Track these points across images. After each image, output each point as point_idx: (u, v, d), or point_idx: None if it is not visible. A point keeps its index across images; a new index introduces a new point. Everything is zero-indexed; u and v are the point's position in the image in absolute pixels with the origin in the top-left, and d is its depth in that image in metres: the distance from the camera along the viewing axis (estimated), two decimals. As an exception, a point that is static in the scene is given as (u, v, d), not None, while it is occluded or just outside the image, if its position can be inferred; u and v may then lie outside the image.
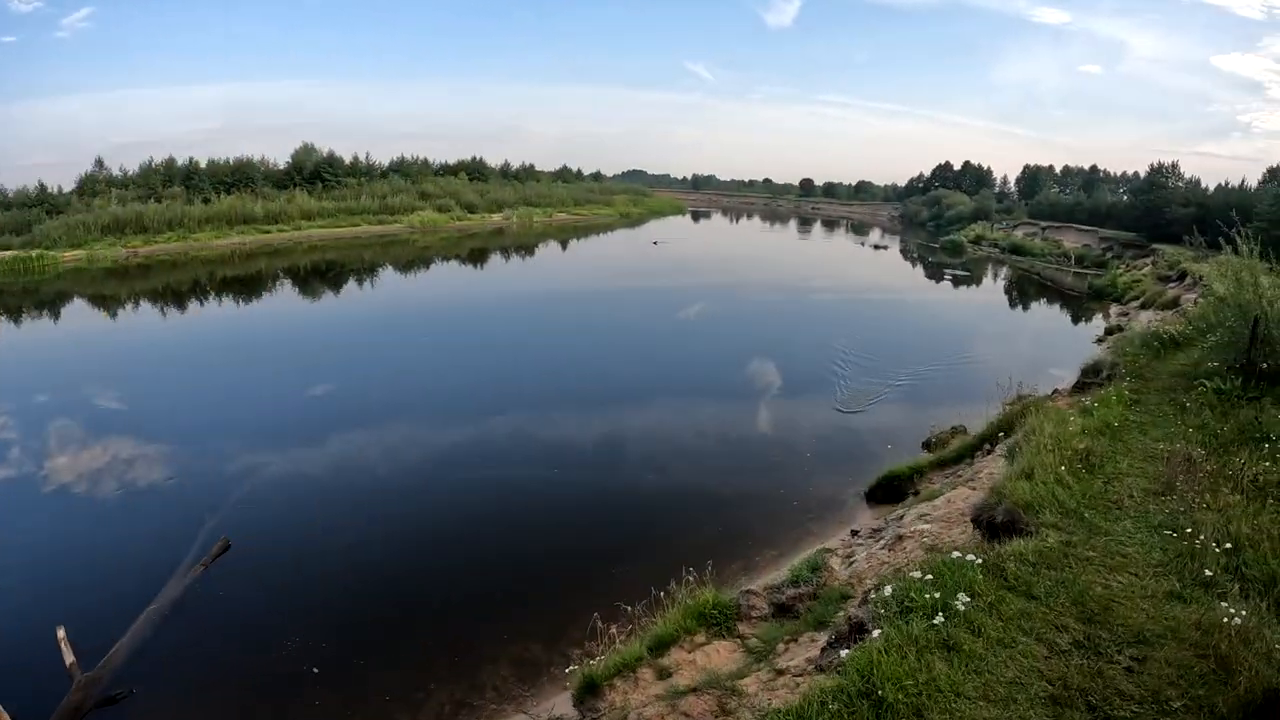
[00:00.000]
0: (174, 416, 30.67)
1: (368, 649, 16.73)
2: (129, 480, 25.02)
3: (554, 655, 16.30)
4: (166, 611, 17.70)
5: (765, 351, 42.89)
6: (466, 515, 23.07)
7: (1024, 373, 35.42)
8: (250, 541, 20.98)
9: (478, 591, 19.06)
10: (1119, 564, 9.83)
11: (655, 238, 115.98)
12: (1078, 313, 61.24)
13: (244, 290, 62.54)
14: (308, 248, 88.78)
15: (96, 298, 58.66)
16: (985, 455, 23.49)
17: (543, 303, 60.84)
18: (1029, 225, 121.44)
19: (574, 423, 31.04)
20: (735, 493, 24.63)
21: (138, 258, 75.43)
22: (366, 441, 28.21)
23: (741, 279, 75.47)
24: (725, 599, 14.48)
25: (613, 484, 25.48)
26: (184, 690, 15.60)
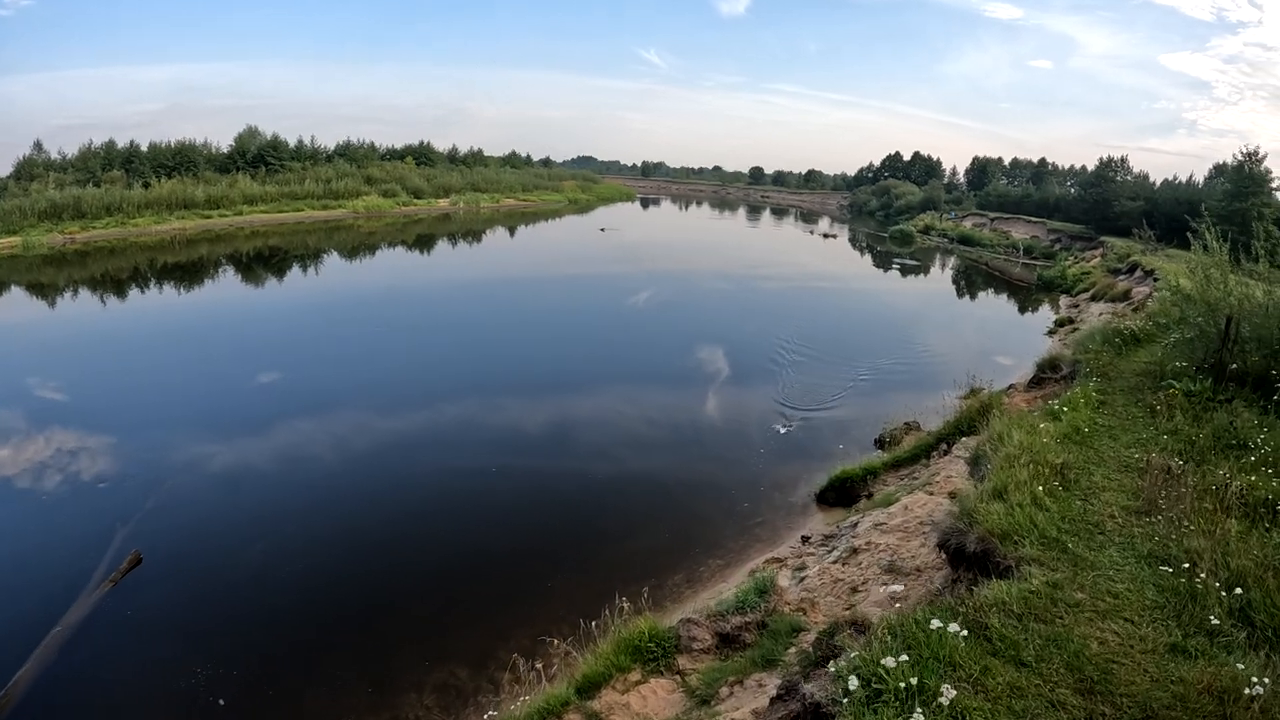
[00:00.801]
0: (93, 413, 28.79)
1: (281, 676, 15.43)
2: (37, 486, 23.22)
3: (481, 680, 15.06)
4: (72, 634, 16.35)
5: (713, 339, 42.09)
6: (393, 522, 21.56)
7: (973, 362, 35.09)
8: (164, 553, 19.48)
9: (402, 607, 17.70)
10: (1111, 608, 8.57)
11: (603, 224, 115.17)
12: (1025, 303, 61.27)
13: (184, 278, 60.49)
14: (249, 233, 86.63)
15: (30, 286, 56.35)
16: (942, 456, 22.42)
17: (489, 289, 59.51)
18: (978, 216, 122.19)
19: (515, 418, 29.62)
20: (680, 493, 23.43)
21: (75, 244, 72.91)
22: (293, 442, 26.61)
23: (690, 266, 74.89)
24: (663, 629, 12.97)
25: (551, 484, 24.09)
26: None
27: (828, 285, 67.86)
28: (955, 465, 20.51)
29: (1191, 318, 21.68)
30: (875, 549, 16.29)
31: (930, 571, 13.83)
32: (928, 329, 50.03)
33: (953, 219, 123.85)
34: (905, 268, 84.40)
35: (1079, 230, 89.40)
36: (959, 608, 7.97)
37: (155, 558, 19.19)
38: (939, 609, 7.95)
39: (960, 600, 8.14)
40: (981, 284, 73.14)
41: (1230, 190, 70.04)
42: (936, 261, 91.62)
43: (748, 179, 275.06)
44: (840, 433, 28.36)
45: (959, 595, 8.24)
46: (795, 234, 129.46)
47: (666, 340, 43.37)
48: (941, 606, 8.02)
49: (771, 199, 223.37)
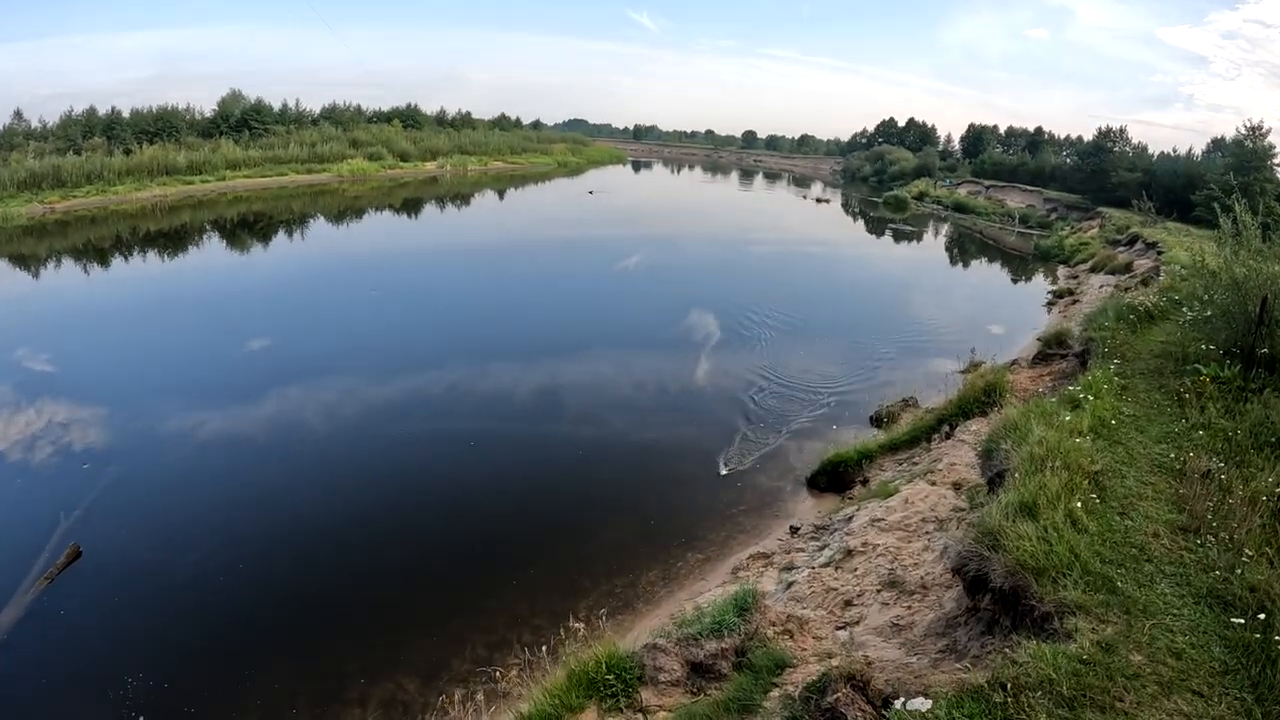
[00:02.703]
0: (56, 388, 27.32)
1: (223, 682, 14.13)
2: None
3: (430, 695, 13.72)
4: (3, 639, 15.16)
5: (702, 305, 40.81)
6: (354, 511, 20.13)
7: (967, 331, 34.41)
8: (106, 545, 18.12)
9: (355, 608, 16.35)
10: (1176, 675, 6.84)
11: (592, 187, 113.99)
12: (1020, 272, 60.07)
13: (165, 245, 58.71)
14: (232, 198, 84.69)
15: (10, 257, 54.25)
16: (944, 439, 20.90)
17: (475, 254, 58.12)
18: (972, 184, 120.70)
19: (496, 389, 28.46)
20: (661, 475, 22.09)
21: (55, 214, 70.55)
22: (261, 421, 25.18)
23: (681, 230, 73.42)
24: (624, 656, 11.09)
25: (526, 466, 22.76)
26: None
27: (820, 250, 66.48)
28: (959, 451, 18.91)
29: (1215, 296, 19.96)
30: (873, 552, 14.61)
31: (938, 590, 12.07)
32: (921, 296, 48.93)
33: (947, 186, 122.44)
34: (899, 234, 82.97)
35: (1075, 200, 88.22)
36: (993, 694, 6.17)
37: (97, 550, 17.90)
38: (967, 692, 6.15)
39: (996, 679, 6.32)
40: (975, 252, 71.82)
41: (1231, 164, 68.45)
42: (930, 228, 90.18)
43: (740, 143, 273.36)
44: (832, 407, 26.94)
45: (995, 671, 6.41)
46: (788, 198, 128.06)
47: (655, 306, 42.06)
48: (971, 688, 6.21)
49: (764, 163, 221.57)
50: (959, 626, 10.04)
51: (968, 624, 9.88)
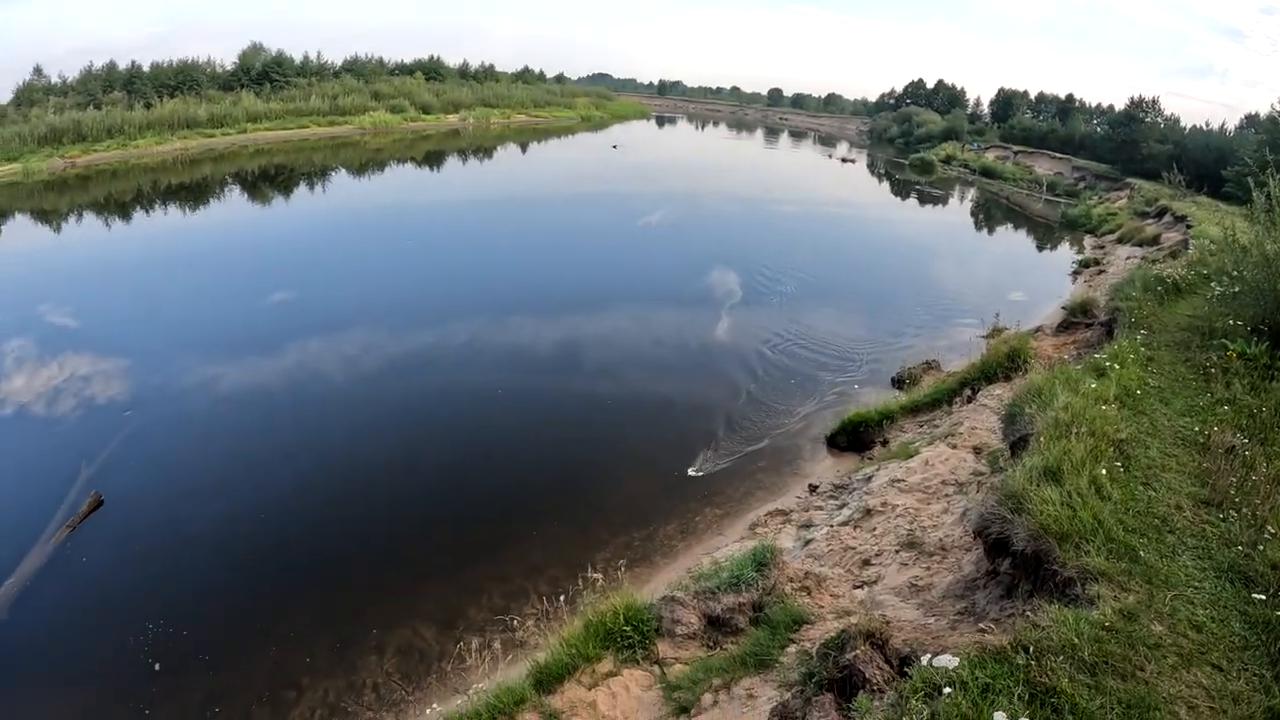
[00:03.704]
0: (78, 339, 27.62)
1: (242, 628, 14.40)
2: (6, 419, 22.07)
3: (446, 643, 13.88)
4: (27, 584, 15.46)
5: (724, 263, 40.63)
6: (375, 460, 20.33)
7: (989, 298, 34.09)
8: (128, 494, 18.38)
9: (368, 558, 16.49)
10: (1196, 648, 6.84)
11: (615, 142, 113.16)
12: (1045, 240, 59.37)
13: (186, 198, 58.85)
14: (254, 151, 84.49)
15: (32, 212, 54.53)
16: (966, 403, 20.79)
17: (497, 208, 57.92)
18: (1000, 149, 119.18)
19: (517, 340, 28.60)
20: (681, 428, 22.16)
21: (75, 168, 70.41)
22: (283, 372, 25.40)
23: (704, 187, 72.73)
24: (641, 608, 11.16)
25: (547, 417, 22.89)
26: (37, 686, 13.40)
27: (843, 212, 65.77)
28: (981, 415, 18.86)
29: (1244, 272, 19.73)
30: (892, 512, 14.62)
31: (957, 552, 12.08)
32: (944, 261, 48.62)
33: (975, 150, 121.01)
34: (924, 197, 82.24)
35: (1104, 170, 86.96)
36: (1016, 655, 6.18)
37: (118, 499, 18.13)
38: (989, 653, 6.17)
39: (1018, 641, 6.33)
40: (1001, 218, 71.02)
41: (1265, 141, 67.38)
42: (956, 192, 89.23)
43: (766, 100, 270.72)
44: (852, 368, 26.92)
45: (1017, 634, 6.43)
46: (813, 158, 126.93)
47: (677, 263, 41.94)
48: (993, 649, 6.22)
49: (790, 122, 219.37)
50: (978, 589, 10.06)
51: (986, 587, 9.90)
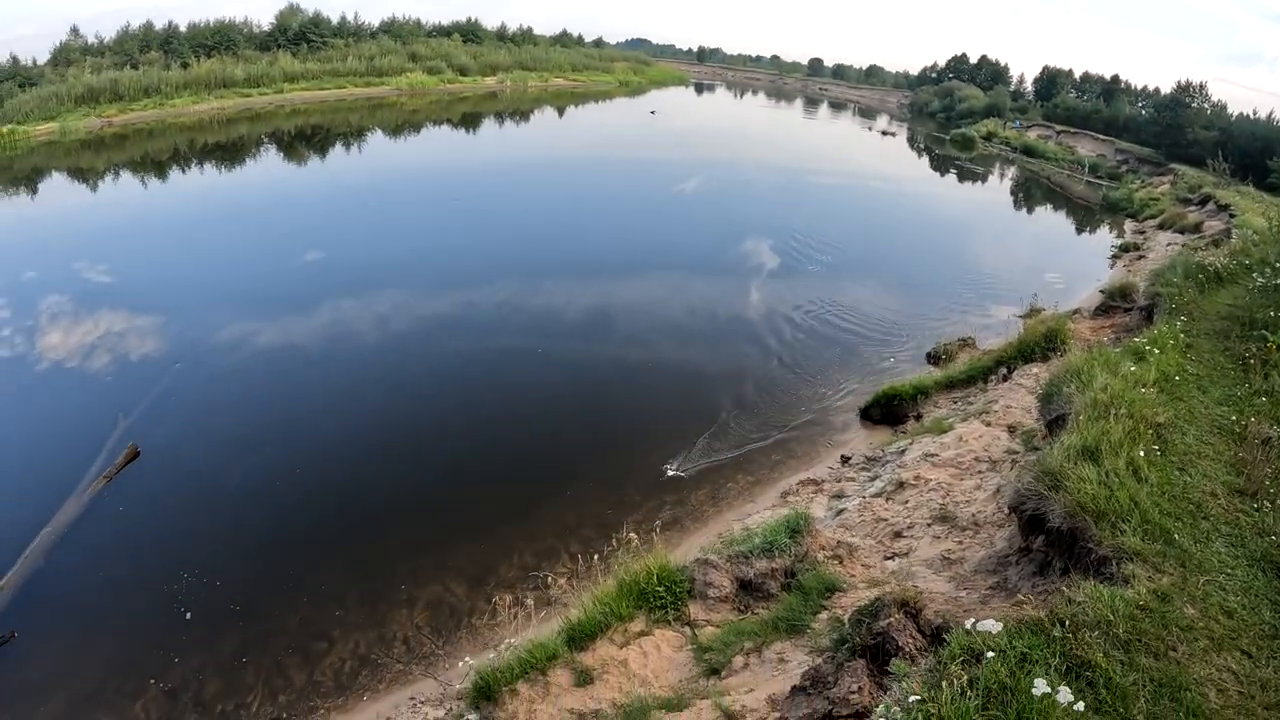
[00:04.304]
0: (116, 296, 28.06)
1: (273, 579, 14.76)
2: (47, 371, 22.58)
3: (477, 600, 14.20)
4: (64, 533, 15.83)
5: (759, 232, 40.71)
6: (409, 418, 20.69)
7: (1025, 279, 33.78)
8: (164, 446, 18.78)
9: (402, 514, 16.79)
10: (1226, 633, 6.90)
11: (653, 108, 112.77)
12: (1085, 223, 58.55)
13: (223, 157, 59.36)
14: (290, 111, 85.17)
15: (69, 170, 55.07)
16: (1002, 382, 20.77)
17: (533, 171, 58.04)
18: (1043, 127, 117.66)
19: (551, 303, 28.87)
20: (714, 395, 22.22)
21: (112, 127, 71.09)
22: (318, 329, 25.74)
23: (741, 156, 72.22)
24: (674, 569, 11.32)
25: (580, 378, 23.22)
26: (69, 632, 13.75)
27: (881, 186, 65.18)
28: (1016, 394, 18.86)
29: (1284, 262, 19.65)
30: (925, 486, 14.70)
31: (990, 528, 12.15)
32: (981, 240, 48.25)
33: (1017, 128, 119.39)
34: (963, 173, 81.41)
35: (1148, 153, 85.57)
36: (1052, 628, 6.28)
37: (154, 451, 18.50)
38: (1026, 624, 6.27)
39: (1054, 616, 6.42)
40: (1041, 198, 70.09)
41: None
42: (996, 170, 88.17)
43: (806, 70, 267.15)
44: (887, 342, 26.89)
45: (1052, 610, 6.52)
46: (852, 130, 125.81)
47: (712, 231, 41.87)
48: (1030, 621, 6.32)
49: (830, 92, 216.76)
50: (1010, 565, 10.13)
51: (1019, 564, 9.98)
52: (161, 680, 12.73)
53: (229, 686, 12.69)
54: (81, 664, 13.10)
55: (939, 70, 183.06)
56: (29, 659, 13.22)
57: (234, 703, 12.43)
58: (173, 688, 12.64)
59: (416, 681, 12.63)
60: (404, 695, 12.31)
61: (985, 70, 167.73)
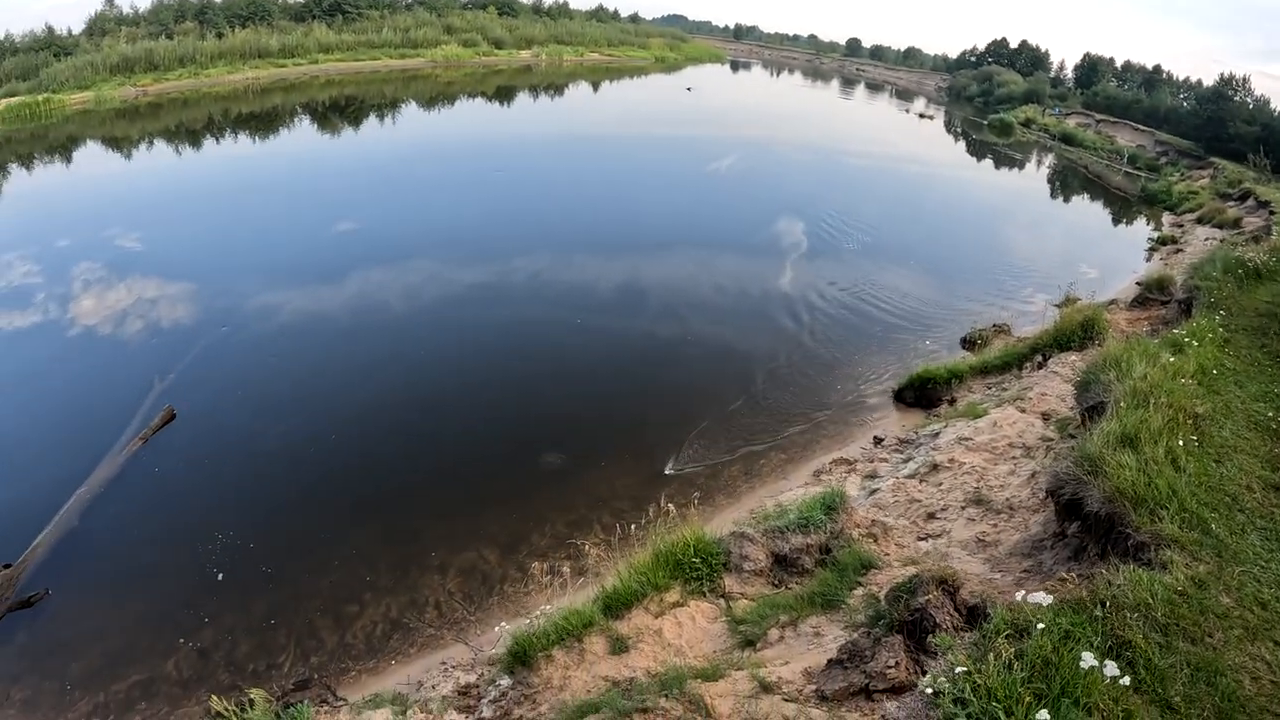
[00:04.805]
0: (152, 261, 28.43)
1: (306, 542, 14.98)
2: (83, 334, 22.96)
3: (509, 568, 14.39)
4: (98, 493, 16.07)
5: (792, 212, 40.49)
6: (444, 386, 20.89)
7: (1058, 268, 33.65)
8: (200, 409, 19.08)
9: (435, 481, 17.02)
10: (1261, 623, 6.99)
11: (689, 84, 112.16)
12: (1121, 214, 57.84)
13: (257, 127, 59.79)
14: (324, 82, 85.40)
15: (104, 139, 55.54)
16: (1037, 369, 20.76)
17: (567, 145, 57.94)
18: (1082, 115, 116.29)
19: (585, 276, 28.99)
20: (745, 372, 22.34)
21: (147, 96, 71.82)
22: (352, 299, 25.88)
23: (776, 135, 71.74)
24: (711, 542, 11.47)
25: (613, 351, 23.35)
26: (101, 590, 14.04)
27: (917, 169, 64.45)
28: (1051, 382, 18.86)
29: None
30: (959, 469, 14.78)
31: (1024, 513, 12.23)
32: (1017, 226, 47.92)
33: (1056, 115, 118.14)
34: (1000, 159, 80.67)
35: (1188, 146, 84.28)
36: (1094, 608, 6.40)
37: (190, 414, 18.77)
38: (1069, 603, 6.39)
39: (1095, 596, 6.55)
40: (1078, 187, 69.29)
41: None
42: (1034, 157, 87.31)
43: (844, 50, 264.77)
44: (920, 325, 26.82)
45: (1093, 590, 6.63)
46: (889, 111, 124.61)
47: (746, 209, 41.81)
48: (1072, 600, 6.45)
49: (867, 73, 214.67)
50: (1044, 550, 10.23)
51: (1054, 548, 10.07)
52: (193, 639, 12.99)
53: (260, 647, 12.93)
54: (113, 622, 13.36)
55: (978, 54, 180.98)
56: (62, 616, 13.50)
57: (265, 662, 12.67)
58: (204, 647, 12.89)
59: (448, 646, 12.79)
60: (435, 659, 12.49)
61: (1025, 55, 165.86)
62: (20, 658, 12.81)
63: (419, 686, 11.52)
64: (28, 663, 12.74)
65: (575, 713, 7.95)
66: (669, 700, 7.61)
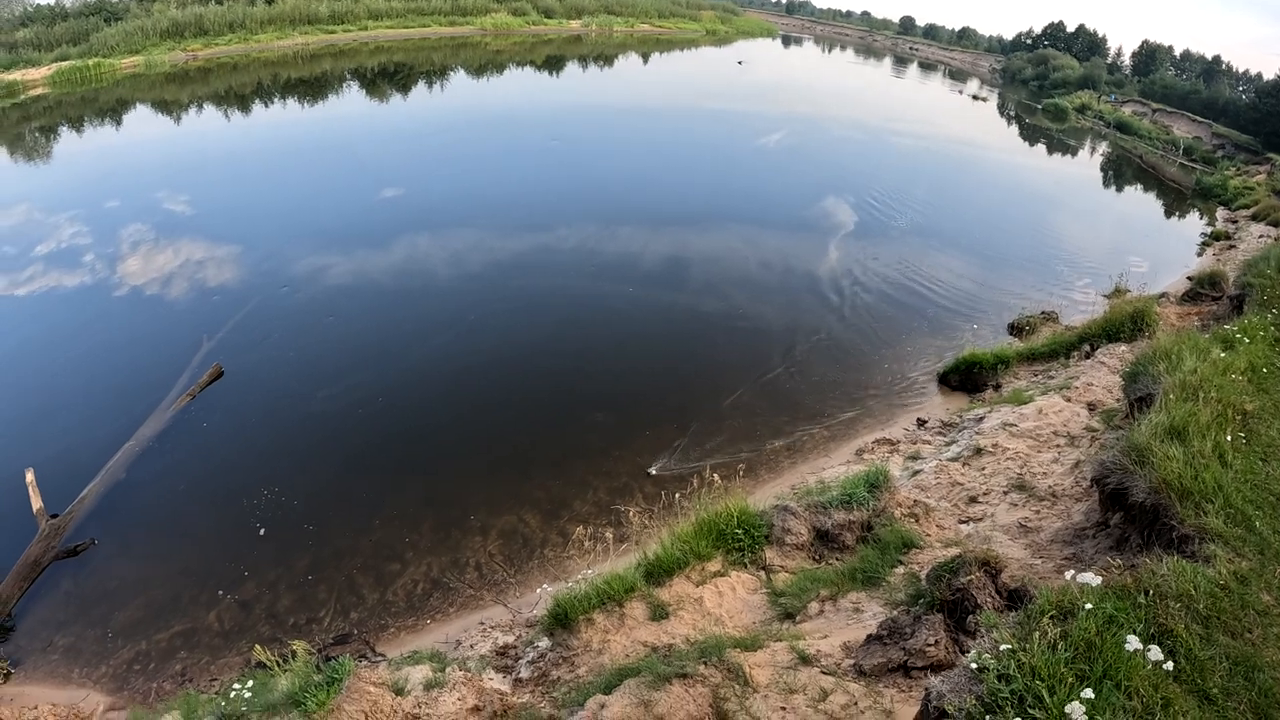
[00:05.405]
0: (202, 223, 28.97)
1: (349, 502, 15.33)
2: (134, 292, 23.45)
3: (550, 532, 14.66)
4: (145, 447, 16.54)
5: (840, 190, 40.42)
6: (488, 350, 21.11)
7: (1106, 259, 33.23)
8: (248, 367, 19.55)
9: (482, 443, 17.27)
10: (1297, 622, 7.05)
11: (740, 58, 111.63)
12: (1174, 207, 56.79)
13: (306, 92, 60.40)
14: (374, 48, 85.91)
15: (154, 103, 56.32)
16: (1084, 359, 20.65)
17: (616, 116, 57.97)
18: (1138, 104, 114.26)
19: (633, 247, 29.00)
20: (789, 348, 22.41)
21: (196, 61, 72.93)
22: (400, 263, 26.21)
23: (826, 112, 71.25)
24: (754, 514, 11.63)
25: (659, 321, 23.45)
26: (145, 541, 14.53)
27: (968, 152, 63.79)
28: (1098, 373, 18.79)
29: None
30: (1002, 454, 14.81)
31: (1067, 501, 12.24)
32: (1067, 214, 47.11)
33: (1112, 102, 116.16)
34: (1053, 144, 79.66)
35: (1245, 140, 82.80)
36: (1138, 595, 6.46)
37: (237, 373, 19.18)
38: (1113, 589, 6.46)
39: (1140, 584, 6.60)
40: (1131, 177, 68.19)
41: None
42: (1088, 144, 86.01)
43: (897, 28, 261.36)
44: (967, 309, 26.72)
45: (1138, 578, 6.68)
46: (941, 92, 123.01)
47: (792, 185, 41.66)
48: (1116, 586, 6.51)
49: (920, 52, 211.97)
50: (1086, 538, 10.26)
51: (1095, 538, 10.11)
52: (234, 592, 13.32)
53: (301, 601, 13.22)
54: (156, 573, 13.71)
55: (1034, 37, 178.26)
56: (107, 566, 13.87)
57: (306, 617, 12.95)
58: (245, 600, 13.21)
59: (487, 607, 13.01)
60: (474, 619, 12.70)
61: (1082, 40, 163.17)
62: (65, 605, 13.18)
63: (457, 645, 11.72)
64: (72, 610, 13.10)
65: (614, 676, 8.08)
66: (708, 667, 7.74)
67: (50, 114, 52.28)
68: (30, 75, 61.84)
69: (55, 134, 46.23)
